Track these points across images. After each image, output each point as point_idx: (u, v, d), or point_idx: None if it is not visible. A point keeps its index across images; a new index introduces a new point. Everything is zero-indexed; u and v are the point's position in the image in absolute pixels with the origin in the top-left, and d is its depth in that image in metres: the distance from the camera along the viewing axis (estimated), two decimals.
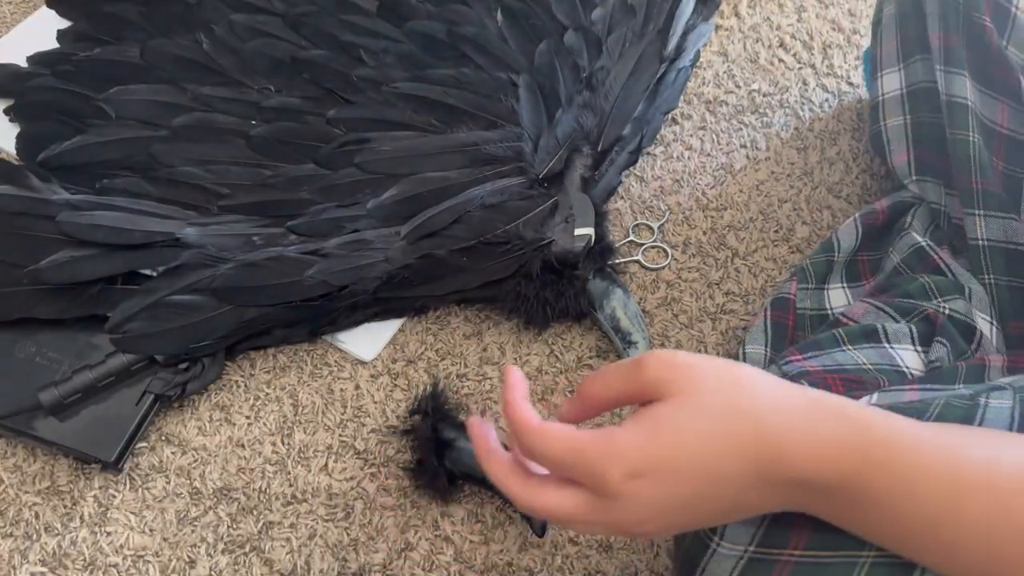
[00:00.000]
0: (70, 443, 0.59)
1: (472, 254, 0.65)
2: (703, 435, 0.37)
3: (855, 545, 0.38)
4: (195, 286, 0.62)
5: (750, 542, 0.41)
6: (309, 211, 0.67)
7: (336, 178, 0.69)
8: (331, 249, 0.64)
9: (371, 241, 0.65)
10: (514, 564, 0.58)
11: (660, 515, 0.37)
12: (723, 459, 0.36)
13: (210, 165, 0.69)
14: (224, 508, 0.59)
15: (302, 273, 0.63)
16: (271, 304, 0.63)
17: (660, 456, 0.36)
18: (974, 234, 0.57)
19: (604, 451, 0.37)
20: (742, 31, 0.88)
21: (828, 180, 0.77)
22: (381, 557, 0.58)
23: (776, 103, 0.82)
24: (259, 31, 0.76)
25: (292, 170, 0.69)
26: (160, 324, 0.61)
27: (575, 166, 0.71)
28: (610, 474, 0.36)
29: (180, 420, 0.63)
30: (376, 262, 0.64)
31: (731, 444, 0.36)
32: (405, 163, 0.69)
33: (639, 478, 0.36)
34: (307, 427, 0.63)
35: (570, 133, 0.71)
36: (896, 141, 0.66)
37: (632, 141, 0.75)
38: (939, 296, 0.57)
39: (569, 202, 0.68)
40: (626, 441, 0.37)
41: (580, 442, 0.37)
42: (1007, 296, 0.56)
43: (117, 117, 0.72)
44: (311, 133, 0.71)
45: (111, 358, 0.60)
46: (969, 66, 0.57)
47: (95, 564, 0.57)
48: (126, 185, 0.68)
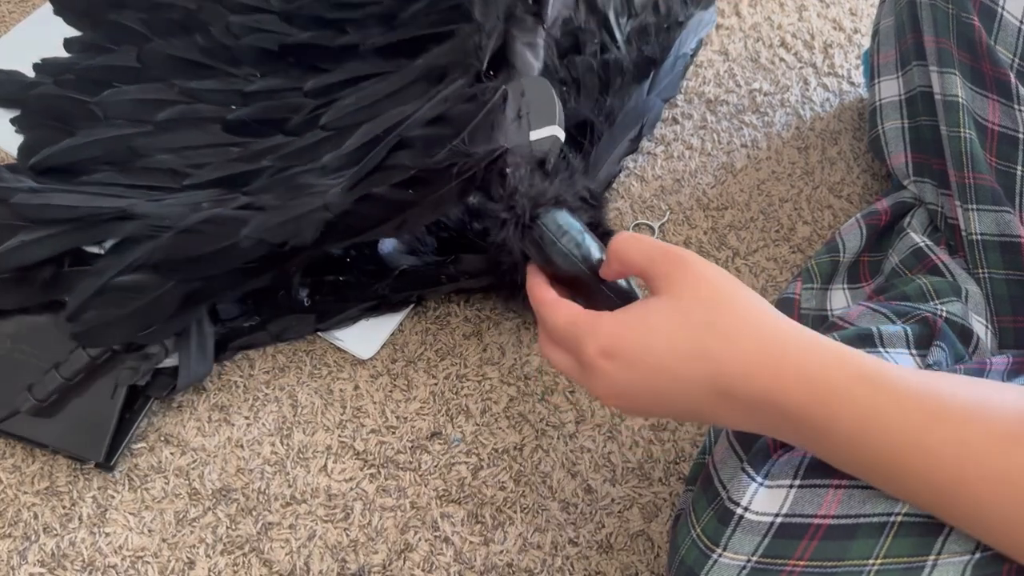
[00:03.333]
0: (59, 443, 0.59)
1: (417, 184, 0.58)
2: (672, 336, 0.40)
3: (862, 553, 0.38)
4: (138, 262, 0.59)
5: (753, 552, 0.40)
6: (266, 175, 0.65)
7: (300, 142, 0.67)
8: (267, 200, 0.60)
9: (310, 186, 0.60)
10: (514, 565, 0.58)
11: (625, 396, 0.42)
12: (684, 363, 0.39)
13: (184, 151, 0.69)
14: (223, 509, 0.59)
15: (237, 233, 0.58)
16: (211, 275, 0.60)
17: (629, 343, 0.41)
18: (968, 228, 0.58)
19: (588, 328, 0.42)
20: (743, 30, 0.88)
21: (829, 180, 0.77)
22: (381, 558, 0.58)
23: (777, 102, 0.82)
24: (254, 28, 0.76)
25: (260, 143, 0.68)
26: (112, 311, 0.59)
27: (516, 39, 0.59)
28: (587, 347, 0.42)
29: (179, 420, 0.63)
30: (314, 210, 0.58)
31: (695, 351, 0.39)
32: (366, 111, 0.68)
33: (609, 358, 0.41)
34: (306, 427, 0.63)
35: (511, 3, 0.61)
36: (894, 143, 0.67)
37: (632, 129, 0.75)
38: (936, 298, 0.57)
39: (520, 89, 0.57)
40: (608, 323, 0.42)
41: (576, 317, 0.43)
42: (1004, 290, 0.57)
43: (106, 118, 0.72)
44: (285, 108, 0.71)
45: (74, 353, 0.59)
46: (960, 66, 0.58)
47: (94, 565, 0.57)
48: (102, 178, 0.67)
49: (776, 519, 0.41)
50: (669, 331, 0.40)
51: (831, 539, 0.39)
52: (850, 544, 0.38)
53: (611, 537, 0.59)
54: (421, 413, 0.64)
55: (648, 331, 0.41)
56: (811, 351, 0.38)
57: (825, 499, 0.40)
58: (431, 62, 0.67)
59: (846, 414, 0.37)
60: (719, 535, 0.41)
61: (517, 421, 0.63)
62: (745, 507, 0.41)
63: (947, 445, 0.35)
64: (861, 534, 0.39)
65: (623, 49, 0.78)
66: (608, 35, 0.79)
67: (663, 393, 0.41)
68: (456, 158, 0.56)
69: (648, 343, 0.40)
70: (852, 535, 0.39)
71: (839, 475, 0.41)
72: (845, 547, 0.39)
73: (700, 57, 0.85)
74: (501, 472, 0.61)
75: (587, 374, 0.43)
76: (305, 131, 0.68)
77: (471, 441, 0.62)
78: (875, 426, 0.36)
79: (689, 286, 0.41)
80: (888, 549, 0.38)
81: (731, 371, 0.39)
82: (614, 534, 0.59)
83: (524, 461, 0.62)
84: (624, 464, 0.62)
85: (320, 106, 0.70)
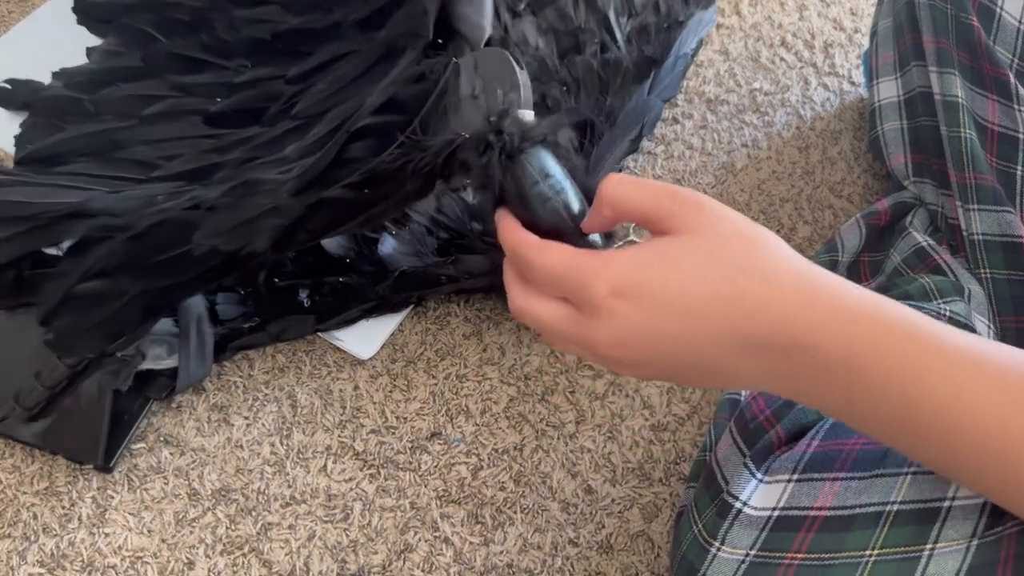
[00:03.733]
0: (56, 447, 0.59)
1: (372, 184, 0.54)
2: (701, 274, 0.36)
3: (859, 545, 0.38)
4: (95, 269, 0.56)
5: (752, 546, 0.40)
6: (228, 167, 0.63)
7: (271, 132, 0.65)
8: (216, 200, 0.55)
9: (261, 182, 0.55)
10: (514, 565, 0.58)
11: (632, 345, 0.37)
12: (713, 304, 0.35)
13: (161, 144, 0.68)
14: (223, 509, 0.59)
15: (190, 239, 0.55)
16: (171, 283, 0.57)
17: (651, 280, 0.36)
18: (970, 229, 0.58)
19: (597, 265, 0.37)
20: (743, 29, 0.87)
21: (830, 180, 0.77)
22: (380, 558, 0.58)
23: (777, 102, 0.82)
24: (255, 20, 0.76)
25: (236, 134, 0.67)
26: (80, 321, 0.57)
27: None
28: (596, 286, 0.37)
29: (178, 421, 0.63)
30: (265, 214, 0.54)
31: (726, 292, 0.35)
32: (335, 97, 0.65)
33: (623, 297, 0.36)
34: (306, 428, 0.63)
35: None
36: (893, 144, 0.67)
37: (633, 129, 0.74)
38: (939, 297, 0.57)
39: (472, 63, 0.49)
40: (621, 260, 0.37)
41: (576, 257, 0.38)
42: (1006, 290, 0.56)
43: (97, 113, 0.72)
44: (264, 96, 0.69)
45: (52, 362, 0.59)
46: (960, 66, 0.58)
47: (93, 565, 0.57)
48: (74, 168, 0.67)
49: (773, 513, 0.41)
50: (696, 268, 0.36)
51: (828, 531, 0.39)
52: (847, 535, 0.38)
53: (611, 537, 0.59)
54: (421, 413, 0.63)
55: (672, 267, 0.36)
56: (848, 294, 0.35)
57: (822, 492, 0.40)
58: (388, 36, 0.62)
59: (888, 359, 0.34)
60: (717, 529, 0.41)
61: (517, 421, 0.63)
62: (744, 502, 0.41)
63: (992, 394, 0.33)
64: (857, 525, 0.39)
65: (623, 49, 0.78)
66: (608, 35, 0.79)
67: (681, 340, 0.36)
68: (409, 153, 0.49)
69: (673, 280, 0.36)
70: (848, 526, 0.39)
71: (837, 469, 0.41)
72: (842, 538, 0.39)
73: (700, 56, 0.85)
74: (501, 472, 0.61)
75: (589, 324, 0.38)
76: (280, 120, 0.66)
77: (471, 441, 0.62)
78: (916, 371, 0.34)
79: (710, 225, 0.37)
80: (885, 539, 0.38)
81: (766, 314, 0.35)
82: (614, 534, 0.59)
83: (524, 461, 0.62)
84: (624, 464, 0.61)
85: (297, 93, 0.68)
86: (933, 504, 0.38)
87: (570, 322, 0.39)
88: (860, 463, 0.41)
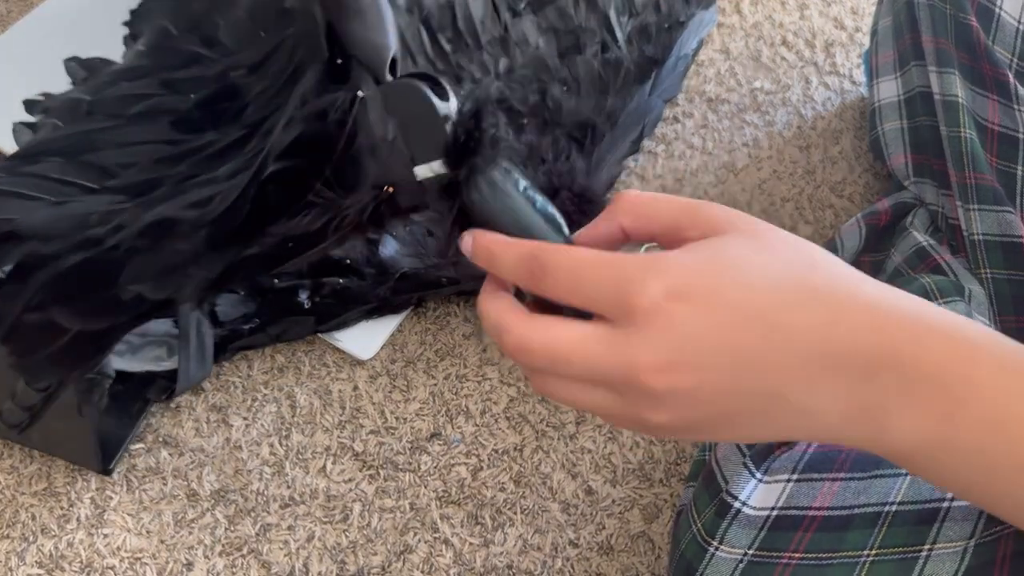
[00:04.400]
0: (55, 452, 0.59)
1: (295, 240, 0.50)
2: (769, 271, 0.30)
3: (856, 545, 0.38)
4: (34, 301, 0.53)
5: (750, 545, 0.40)
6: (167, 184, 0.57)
7: (221, 141, 0.58)
8: (135, 241, 0.50)
9: (178, 223, 0.48)
10: (514, 566, 0.57)
11: (689, 364, 0.29)
12: (788, 307, 0.29)
13: (128, 148, 0.66)
14: (221, 510, 0.59)
15: (115, 281, 0.51)
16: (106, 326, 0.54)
17: (719, 280, 0.30)
18: (970, 229, 0.58)
19: (648, 265, 0.30)
20: (744, 28, 0.87)
21: (831, 179, 0.77)
22: (380, 559, 0.57)
23: (778, 101, 0.82)
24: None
25: (191, 141, 0.60)
26: (37, 349, 0.54)
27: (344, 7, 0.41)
28: (650, 287, 0.29)
29: (177, 422, 0.62)
30: (187, 263, 0.48)
31: (801, 293, 0.29)
32: (275, 101, 0.58)
33: (682, 300, 0.29)
34: (305, 428, 0.62)
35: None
36: (894, 144, 0.67)
37: (634, 130, 0.74)
38: (940, 297, 0.57)
39: (379, 100, 0.40)
40: (677, 259, 0.30)
41: (618, 257, 0.31)
42: (1006, 290, 0.56)
43: (90, 112, 0.71)
44: (226, 94, 0.62)
45: (21, 384, 0.58)
46: (959, 66, 0.58)
47: (92, 566, 0.57)
48: (42, 169, 0.62)
49: (772, 512, 0.41)
50: (763, 265, 0.30)
51: (826, 531, 0.39)
52: (845, 535, 0.38)
53: (612, 538, 0.58)
54: (420, 414, 0.63)
55: (734, 265, 0.30)
56: (928, 304, 0.31)
57: (820, 492, 0.40)
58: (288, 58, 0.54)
59: (988, 378, 0.29)
60: (716, 528, 0.41)
61: (517, 422, 0.63)
62: (743, 501, 0.41)
63: None
64: (855, 525, 0.39)
65: (624, 49, 0.78)
66: (609, 34, 0.79)
67: (748, 357, 0.29)
68: (329, 211, 0.44)
69: (740, 279, 0.30)
70: (846, 526, 0.39)
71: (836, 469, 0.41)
72: (840, 538, 0.39)
73: (701, 56, 0.85)
74: (501, 473, 0.61)
75: (632, 338, 0.29)
76: (231, 126, 0.58)
77: (471, 442, 0.62)
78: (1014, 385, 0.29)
79: (758, 226, 0.32)
80: (883, 539, 0.38)
81: (851, 319, 0.29)
82: (615, 535, 0.59)
83: (524, 462, 0.61)
84: (625, 465, 0.61)
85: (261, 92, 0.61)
86: (932, 505, 0.38)
87: (605, 339, 0.30)
88: (859, 464, 0.41)
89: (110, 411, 0.60)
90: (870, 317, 0.30)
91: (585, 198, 0.69)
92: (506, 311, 0.33)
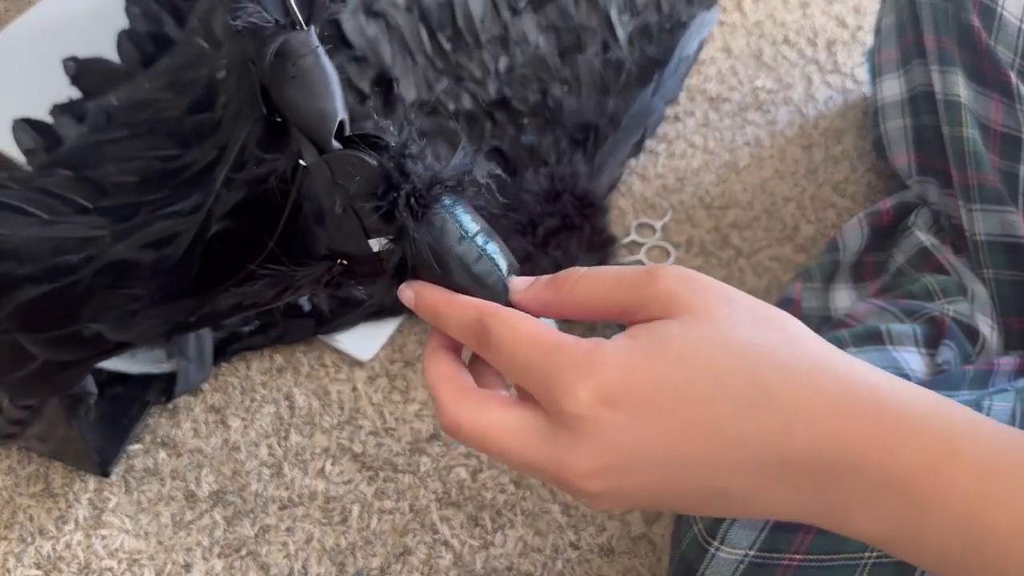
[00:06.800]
0: (51, 455, 0.59)
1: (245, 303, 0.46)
2: (716, 370, 0.27)
3: (858, 547, 0.38)
4: (2, 325, 0.51)
5: (751, 546, 0.40)
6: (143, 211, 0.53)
7: (195, 165, 0.53)
8: (92, 280, 0.48)
9: (133, 268, 0.46)
10: (514, 568, 0.57)
11: (624, 472, 0.28)
12: (738, 413, 0.27)
13: (124, 162, 0.65)
14: (220, 511, 0.59)
15: (76, 317, 0.49)
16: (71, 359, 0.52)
17: (657, 382, 0.27)
18: (972, 229, 0.57)
19: (583, 359, 0.28)
20: (745, 27, 0.87)
21: (833, 178, 0.76)
22: (379, 561, 0.57)
23: (780, 100, 0.82)
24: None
25: (181, 157, 0.57)
26: (11, 370, 0.52)
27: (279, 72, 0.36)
28: (579, 389, 0.27)
29: (175, 423, 0.62)
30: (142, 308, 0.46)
31: (754, 396, 0.27)
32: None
33: (614, 406, 0.27)
34: (303, 429, 0.62)
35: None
36: (896, 143, 0.67)
37: (636, 132, 0.74)
38: (942, 297, 0.57)
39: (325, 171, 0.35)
40: (613, 354, 0.28)
41: (555, 345, 0.29)
42: (1009, 291, 0.56)
43: (109, 123, 0.71)
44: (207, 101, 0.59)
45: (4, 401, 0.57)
46: (962, 65, 0.58)
47: (90, 567, 0.56)
48: (52, 183, 0.60)
49: None
50: (708, 362, 0.27)
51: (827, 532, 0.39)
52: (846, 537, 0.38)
53: (612, 540, 0.58)
54: (420, 415, 0.63)
55: (678, 359, 0.27)
56: (902, 394, 0.28)
57: None
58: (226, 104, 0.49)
59: (961, 482, 0.26)
60: (717, 528, 0.41)
61: None
62: None
63: None
64: None
65: (625, 49, 0.78)
66: (610, 33, 0.79)
67: (694, 463, 0.27)
68: (280, 282, 0.40)
69: (681, 380, 0.27)
70: None
71: None
72: (841, 540, 0.38)
73: (702, 54, 0.84)
74: (501, 474, 0.60)
75: (563, 438, 0.28)
76: (208, 141, 0.53)
77: None
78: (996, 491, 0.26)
79: (713, 304, 0.29)
80: None
81: (808, 426, 0.27)
82: (615, 537, 0.58)
83: None
84: None
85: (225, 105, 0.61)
86: None
87: (537, 433, 0.29)
88: None
89: (108, 413, 0.60)
90: (831, 422, 0.27)
91: (587, 201, 0.69)
92: (442, 382, 0.32)
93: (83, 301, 0.48)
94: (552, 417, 0.28)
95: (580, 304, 0.31)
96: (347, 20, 0.77)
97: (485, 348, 0.31)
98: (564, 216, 0.68)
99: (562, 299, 0.31)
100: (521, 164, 0.72)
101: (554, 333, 0.29)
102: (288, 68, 0.35)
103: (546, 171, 0.70)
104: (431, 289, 0.33)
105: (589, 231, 0.68)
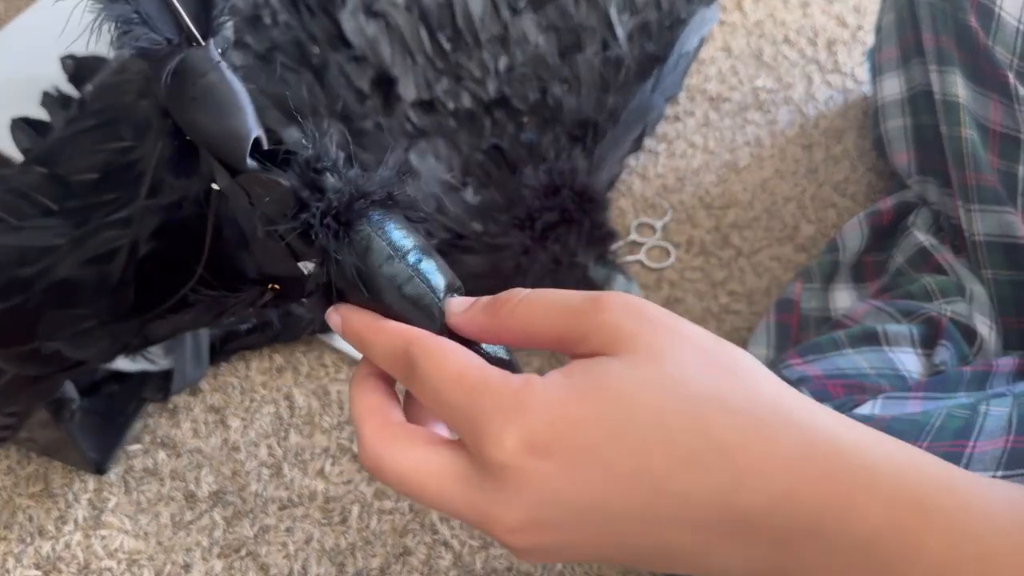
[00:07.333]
0: (46, 453, 0.59)
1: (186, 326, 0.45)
2: (659, 416, 0.24)
3: None
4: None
5: None
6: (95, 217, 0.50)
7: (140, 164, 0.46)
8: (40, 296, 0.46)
9: (77, 287, 0.43)
10: (514, 569, 0.57)
11: (548, 526, 0.25)
12: (683, 465, 0.24)
13: (91, 155, 0.62)
14: (219, 512, 0.59)
15: (32, 335, 0.47)
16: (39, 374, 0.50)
17: (587, 426, 0.25)
18: (971, 229, 0.57)
19: (510, 400, 0.25)
20: (745, 27, 0.87)
21: (833, 178, 0.76)
22: (378, 562, 0.57)
23: (780, 100, 0.81)
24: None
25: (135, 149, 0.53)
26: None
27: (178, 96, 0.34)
28: (504, 435, 0.25)
29: (174, 423, 0.62)
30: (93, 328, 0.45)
31: (701, 445, 0.24)
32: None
33: (541, 454, 0.25)
34: (303, 430, 0.62)
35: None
36: (896, 142, 0.67)
37: (636, 128, 0.74)
38: (940, 297, 0.57)
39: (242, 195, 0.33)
40: (545, 397, 0.25)
41: (487, 379, 0.26)
42: (1008, 291, 0.56)
43: (81, 108, 0.71)
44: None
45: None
46: (960, 65, 0.58)
47: (89, 568, 0.56)
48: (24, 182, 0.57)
49: None
50: (653, 405, 0.25)
51: None
52: None
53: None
54: None
55: (612, 405, 0.25)
56: (868, 446, 0.25)
57: None
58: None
59: (932, 544, 0.24)
60: None
61: None
62: None
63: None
64: None
65: (625, 47, 0.78)
66: (609, 32, 0.79)
67: (632, 519, 0.25)
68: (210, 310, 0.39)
69: (613, 426, 0.25)
70: None
71: None
72: None
73: (702, 54, 0.84)
74: None
75: (486, 488, 0.26)
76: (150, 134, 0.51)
77: None
78: (972, 554, 0.24)
79: (668, 344, 0.26)
80: None
81: (762, 483, 0.24)
82: None
83: None
84: None
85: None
86: None
87: (460, 480, 0.26)
88: None
89: (104, 411, 0.60)
90: (786, 477, 0.24)
91: (586, 197, 0.69)
92: (367, 414, 0.29)
93: (36, 319, 0.46)
94: (477, 462, 0.26)
95: (519, 330, 0.29)
96: (347, 20, 0.77)
97: (411, 381, 0.29)
98: (563, 210, 0.67)
99: (500, 324, 0.29)
100: (520, 162, 0.72)
101: (481, 369, 0.27)
102: (189, 88, 0.32)
103: (545, 167, 0.70)
104: (359, 314, 0.31)
105: (589, 225, 0.68)
